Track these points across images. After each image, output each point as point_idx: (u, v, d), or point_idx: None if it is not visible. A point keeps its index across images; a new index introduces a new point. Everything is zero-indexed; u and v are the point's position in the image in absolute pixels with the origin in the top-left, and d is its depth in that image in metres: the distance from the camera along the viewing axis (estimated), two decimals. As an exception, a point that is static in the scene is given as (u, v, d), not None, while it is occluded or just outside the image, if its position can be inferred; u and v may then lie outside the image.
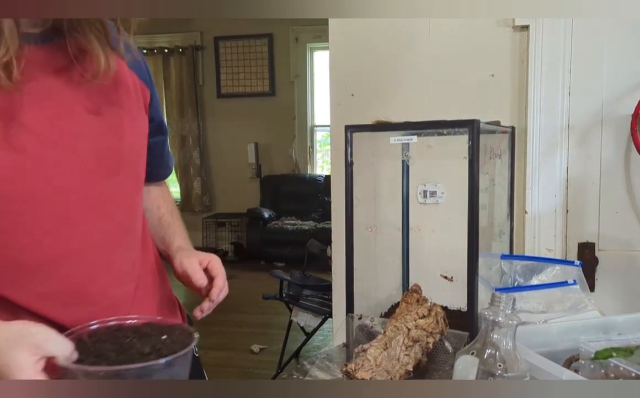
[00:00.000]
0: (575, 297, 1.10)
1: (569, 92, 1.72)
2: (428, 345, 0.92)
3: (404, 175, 1.29)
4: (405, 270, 1.31)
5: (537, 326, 0.98)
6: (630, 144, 1.68)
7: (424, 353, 0.92)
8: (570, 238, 1.75)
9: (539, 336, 0.93)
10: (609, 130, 1.69)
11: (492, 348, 0.79)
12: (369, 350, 0.89)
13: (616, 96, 1.68)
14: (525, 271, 1.16)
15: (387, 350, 0.89)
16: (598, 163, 1.71)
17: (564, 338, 0.94)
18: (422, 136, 1.04)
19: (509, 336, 0.79)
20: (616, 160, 1.70)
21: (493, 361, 0.79)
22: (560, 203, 1.74)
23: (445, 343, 0.98)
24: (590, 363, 0.77)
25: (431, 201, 1.81)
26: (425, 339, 0.92)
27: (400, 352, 0.89)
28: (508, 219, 1.34)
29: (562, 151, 1.73)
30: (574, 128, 1.72)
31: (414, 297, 0.99)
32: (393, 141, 1.01)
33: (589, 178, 1.72)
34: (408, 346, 0.90)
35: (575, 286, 1.12)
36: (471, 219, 0.93)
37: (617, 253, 1.72)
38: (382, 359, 0.88)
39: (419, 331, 0.92)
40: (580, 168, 1.73)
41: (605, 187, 1.71)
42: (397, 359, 0.88)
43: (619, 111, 1.68)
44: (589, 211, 1.73)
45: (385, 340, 0.91)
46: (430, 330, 0.93)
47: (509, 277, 1.16)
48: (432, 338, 0.93)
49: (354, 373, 0.84)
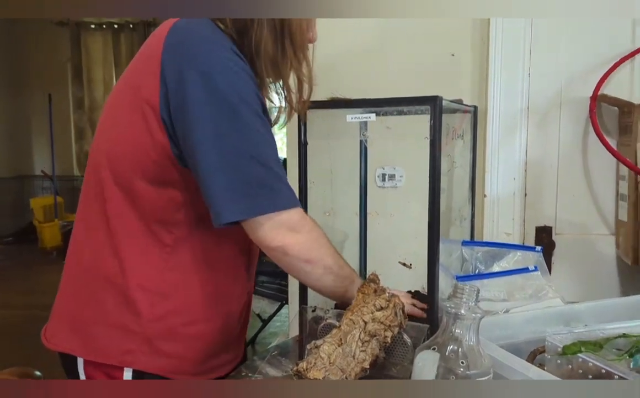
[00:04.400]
0: (536, 284, 1.07)
1: (529, 74, 1.68)
2: (386, 339, 0.86)
3: (361, 157, 1.22)
4: (363, 257, 1.25)
5: (499, 317, 0.93)
6: (588, 128, 1.67)
7: (381, 349, 0.86)
8: (528, 222, 1.72)
9: (501, 328, 0.88)
10: (568, 113, 1.67)
11: (454, 344, 0.73)
12: (322, 346, 0.82)
13: (575, 79, 1.66)
14: (486, 258, 1.12)
15: (342, 346, 0.82)
16: (556, 146, 1.69)
17: (527, 329, 0.89)
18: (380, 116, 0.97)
19: (472, 330, 0.74)
20: (574, 143, 1.68)
21: (455, 357, 0.73)
22: (519, 186, 1.71)
23: (403, 335, 0.92)
24: (557, 358, 0.72)
25: (390, 184, 1.75)
26: (383, 333, 0.86)
27: (356, 347, 0.82)
28: (469, 204, 1.29)
29: (521, 134, 1.70)
30: (533, 110, 1.69)
31: (371, 287, 0.93)
32: (350, 119, 0.93)
33: (547, 161, 1.70)
34: (364, 342, 0.84)
35: (537, 273, 1.08)
36: (432, 204, 0.87)
37: (574, 237, 1.71)
38: (336, 356, 0.81)
39: (377, 324, 0.86)
40: (539, 151, 1.70)
41: (563, 170, 1.69)
42: (352, 356, 0.81)
43: (577, 94, 1.65)
44: (546, 194, 1.71)
45: (340, 335, 0.84)
46: (389, 323, 0.87)
47: (470, 264, 1.12)
48: (390, 332, 0.87)
49: (306, 373, 0.77)
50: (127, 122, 0.93)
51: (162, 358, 0.98)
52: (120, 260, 0.96)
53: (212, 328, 1.03)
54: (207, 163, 0.87)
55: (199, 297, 1.00)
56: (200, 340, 1.02)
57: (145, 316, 0.96)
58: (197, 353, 1.02)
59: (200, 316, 1.01)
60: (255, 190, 0.88)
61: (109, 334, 0.97)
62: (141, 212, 0.95)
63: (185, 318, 1.00)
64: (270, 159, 0.89)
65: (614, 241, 1.67)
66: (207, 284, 1.00)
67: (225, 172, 0.87)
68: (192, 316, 1.00)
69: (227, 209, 0.88)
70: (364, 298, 0.91)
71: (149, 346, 0.97)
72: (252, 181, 0.88)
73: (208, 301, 1.01)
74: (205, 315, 1.01)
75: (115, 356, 0.97)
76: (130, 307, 0.96)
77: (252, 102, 0.87)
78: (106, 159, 0.96)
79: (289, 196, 0.92)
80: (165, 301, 0.98)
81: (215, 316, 1.03)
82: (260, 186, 0.88)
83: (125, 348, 0.97)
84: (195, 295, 1.00)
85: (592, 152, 1.67)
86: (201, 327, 1.02)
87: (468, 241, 1.22)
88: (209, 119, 0.85)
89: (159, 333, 0.98)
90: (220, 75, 0.85)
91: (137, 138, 0.91)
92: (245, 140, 0.86)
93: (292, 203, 0.92)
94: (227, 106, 0.85)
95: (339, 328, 0.86)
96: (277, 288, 2.66)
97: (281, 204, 0.90)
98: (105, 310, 0.97)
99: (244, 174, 0.87)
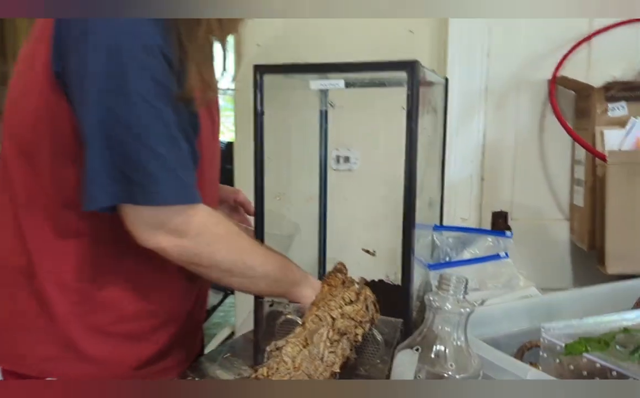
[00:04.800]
0: (508, 272, 1.00)
1: (487, 54, 1.63)
2: (357, 337, 0.76)
3: (322, 132, 1.10)
4: (322, 246, 1.14)
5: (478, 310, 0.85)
6: (545, 111, 1.64)
7: (352, 348, 0.76)
8: (485, 207, 1.68)
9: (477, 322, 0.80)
10: (526, 95, 1.63)
11: (440, 343, 0.64)
12: (284, 348, 0.71)
13: (533, 61, 1.62)
14: (457, 244, 1.05)
15: (308, 347, 0.71)
16: (513, 129, 1.65)
17: (506, 322, 0.82)
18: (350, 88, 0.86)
19: (460, 328, 0.65)
20: (531, 126, 1.65)
21: (442, 359, 0.64)
22: (476, 169, 1.67)
23: (373, 331, 0.82)
24: (556, 357, 0.64)
25: (344, 167, 1.66)
26: (353, 330, 0.75)
27: (324, 348, 0.72)
28: (439, 185, 1.21)
29: (479, 116, 1.65)
30: (491, 92, 1.64)
31: (338, 279, 0.82)
32: (315, 86, 0.82)
33: (504, 144, 1.66)
34: (333, 341, 0.73)
35: (508, 260, 1.02)
36: (409, 182, 0.77)
37: (529, 222, 1.68)
38: (302, 359, 0.70)
39: (346, 321, 0.75)
40: (497, 134, 1.66)
41: (519, 155, 1.66)
42: (320, 358, 0.71)
43: (535, 76, 1.62)
44: (503, 179, 1.67)
45: (306, 334, 0.73)
46: (360, 319, 0.76)
47: (441, 251, 1.04)
48: (361, 328, 0.77)
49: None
50: (25, 93, 0.80)
51: (90, 364, 0.84)
52: (29, 252, 0.81)
53: (148, 326, 0.89)
54: (88, 138, 0.73)
55: (127, 291, 0.87)
56: (134, 341, 0.89)
57: (63, 316, 0.82)
58: (132, 357, 0.88)
59: (130, 313, 0.88)
60: (130, 176, 0.74)
61: (26, 339, 0.82)
62: (49, 193, 0.81)
63: (112, 316, 0.86)
64: (161, 142, 0.74)
65: (568, 227, 1.65)
66: (136, 276, 0.87)
67: (101, 150, 0.73)
68: (120, 312, 0.87)
69: (92, 193, 0.74)
70: (330, 291, 0.81)
71: (74, 352, 0.83)
72: (129, 164, 0.74)
73: (137, 296, 0.87)
74: (136, 312, 0.88)
75: (34, 364, 0.82)
76: (45, 306, 0.81)
77: (149, 74, 0.73)
78: (8, 133, 0.82)
79: (174, 190, 0.76)
80: (86, 297, 0.84)
81: (150, 313, 0.89)
82: (136, 171, 0.74)
83: (44, 355, 0.82)
84: (122, 289, 0.86)
85: (549, 136, 1.64)
86: (134, 326, 0.88)
87: (439, 225, 1.14)
88: (97, 91, 0.72)
89: (83, 335, 0.84)
90: (119, 45, 0.72)
91: (37, 108, 0.78)
92: (134, 117, 0.73)
93: (177, 198, 0.77)
94: (119, 78, 0.72)
95: (303, 325, 0.75)
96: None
97: (157, 199, 0.75)
98: (20, 311, 0.82)
99: (121, 155, 0.73)
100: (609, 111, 1.46)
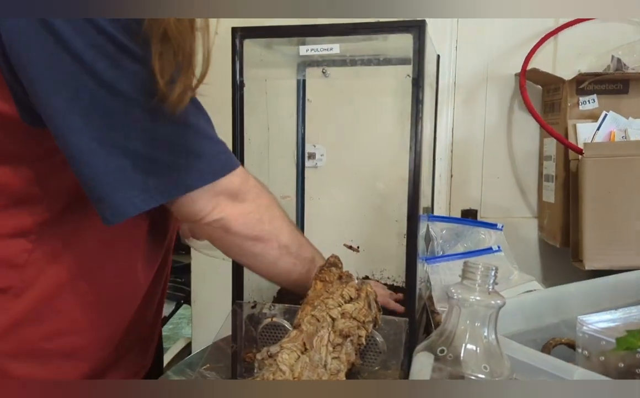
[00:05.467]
0: (502, 266, 0.93)
1: (456, 47, 1.58)
2: (360, 339, 0.65)
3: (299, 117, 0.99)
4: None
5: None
6: (513, 106, 1.60)
7: (357, 353, 0.64)
8: (454, 205, 1.63)
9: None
10: (494, 90, 1.59)
11: (471, 342, 0.55)
12: (280, 355, 0.59)
13: (501, 54, 1.58)
14: (450, 236, 0.96)
15: (308, 353, 0.60)
16: (482, 124, 1.61)
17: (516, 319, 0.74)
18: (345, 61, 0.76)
19: (491, 324, 0.55)
20: (500, 122, 1.61)
21: (473, 360, 0.54)
22: (445, 166, 1.61)
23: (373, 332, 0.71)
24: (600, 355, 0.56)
25: (310, 164, 1.55)
26: (356, 332, 0.64)
27: (327, 354, 0.60)
28: (430, 173, 1.12)
29: (448, 111, 1.59)
30: (460, 86, 1.59)
31: (333, 273, 0.71)
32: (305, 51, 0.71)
33: (473, 140, 1.62)
34: (336, 345, 0.62)
35: (500, 253, 0.95)
36: (415, 162, 0.67)
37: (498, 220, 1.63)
38: (302, 368, 0.58)
39: (348, 321, 0.64)
40: (465, 130, 1.61)
41: (488, 151, 1.62)
42: (323, 365, 0.59)
43: (503, 70, 1.58)
44: (472, 175, 1.62)
45: (303, 337, 0.61)
46: (362, 319, 0.65)
47: (436, 243, 0.95)
48: (364, 330, 0.66)
49: (266, 395, 0.54)
50: None
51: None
52: None
53: (90, 341, 0.75)
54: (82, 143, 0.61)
55: (67, 302, 0.72)
56: (71, 359, 0.74)
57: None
58: (68, 377, 0.73)
59: (67, 327, 0.73)
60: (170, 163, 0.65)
61: None
62: None
63: (46, 330, 0.71)
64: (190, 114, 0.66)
65: (536, 224, 1.62)
66: (77, 284, 0.73)
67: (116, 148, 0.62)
68: (55, 326, 0.72)
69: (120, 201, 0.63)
70: (325, 287, 0.69)
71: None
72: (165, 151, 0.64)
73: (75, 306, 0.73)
74: (74, 324, 0.73)
75: None
76: None
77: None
78: None
79: (222, 157, 0.68)
80: (10, 308, 0.69)
81: (90, 326, 0.75)
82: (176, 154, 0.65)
83: None
84: (57, 299, 0.72)
85: (516, 132, 1.61)
86: (72, 340, 0.74)
87: (435, 215, 1.06)
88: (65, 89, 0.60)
89: (9, 351, 0.69)
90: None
91: None
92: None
93: (228, 165, 0.68)
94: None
95: (299, 328, 0.63)
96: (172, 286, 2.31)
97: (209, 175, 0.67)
98: None
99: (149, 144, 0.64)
100: (581, 104, 1.43)
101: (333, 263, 0.73)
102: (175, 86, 0.60)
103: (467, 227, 0.99)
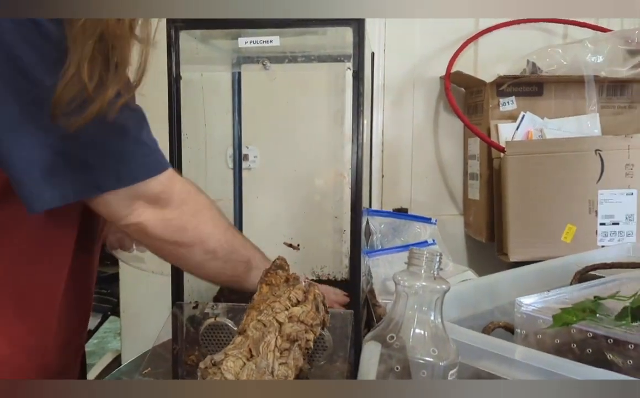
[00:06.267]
0: (438, 258, 0.95)
1: (384, 50, 1.62)
2: (308, 343, 0.64)
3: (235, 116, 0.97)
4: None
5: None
6: (439, 107, 1.67)
7: (305, 358, 0.64)
8: (385, 204, 1.66)
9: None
10: (420, 91, 1.65)
11: (419, 327, 0.56)
12: (224, 362, 0.57)
13: (426, 57, 1.64)
14: (388, 231, 0.98)
15: (254, 359, 0.58)
16: (410, 125, 1.66)
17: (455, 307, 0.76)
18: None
19: (437, 309, 0.57)
20: (426, 123, 1.67)
21: (422, 345, 0.55)
22: (377, 166, 1.64)
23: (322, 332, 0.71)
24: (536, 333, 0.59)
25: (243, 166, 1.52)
26: (304, 336, 0.64)
27: (274, 360, 0.59)
28: (368, 169, 1.14)
29: (378, 112, 1.63)
30: (389, 88, 1.63)
31: (280, 276, 0.70)
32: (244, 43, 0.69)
33: (402, 141, 1.66)
34: (283, 350, 0.61)
35: (435, 246, 0.97)
36: (357, 154, 0.68)
37: (427, 218, 1.69)
38: (247, 375, 0.56)
39: (296, 325, 0.63)
40: (395, 130, 1.66)
41: (416, 151, 1.67)
42: (270, 372, 0.58)
43: (428, 73, 1.64)
44: (401, 175, 1.67)
45: (249, 343, 0.60)
46: (310, 322, 0.65)
47: (376, 237, 0.96)
48: (312, 333, 0.65)
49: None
50: None
51: None
52: None
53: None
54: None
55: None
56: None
57: None
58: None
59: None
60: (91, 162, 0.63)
61: None
62: None
63: None
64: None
65: (463, 221, 1.69)
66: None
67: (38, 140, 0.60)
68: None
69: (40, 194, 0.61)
70: (272, 291, 0.68)
71: None
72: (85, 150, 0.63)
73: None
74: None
75: None
76: None
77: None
78: None
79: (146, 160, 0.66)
80: None
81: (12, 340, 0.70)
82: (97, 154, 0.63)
83: None
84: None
85: (442, 133, 1.67)
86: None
87: (373, 210, 1.07)
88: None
89: None
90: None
91: None
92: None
93: (151, 169, 0.66)
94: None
95: (244, 334, 0.62)
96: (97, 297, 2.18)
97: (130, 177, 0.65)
98: None
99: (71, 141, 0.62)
100: (501, 105, 1.51)
101: (279, 265, 0.71)
102: (105, 89, 0.58)
103: (404, 221, 1.02)
